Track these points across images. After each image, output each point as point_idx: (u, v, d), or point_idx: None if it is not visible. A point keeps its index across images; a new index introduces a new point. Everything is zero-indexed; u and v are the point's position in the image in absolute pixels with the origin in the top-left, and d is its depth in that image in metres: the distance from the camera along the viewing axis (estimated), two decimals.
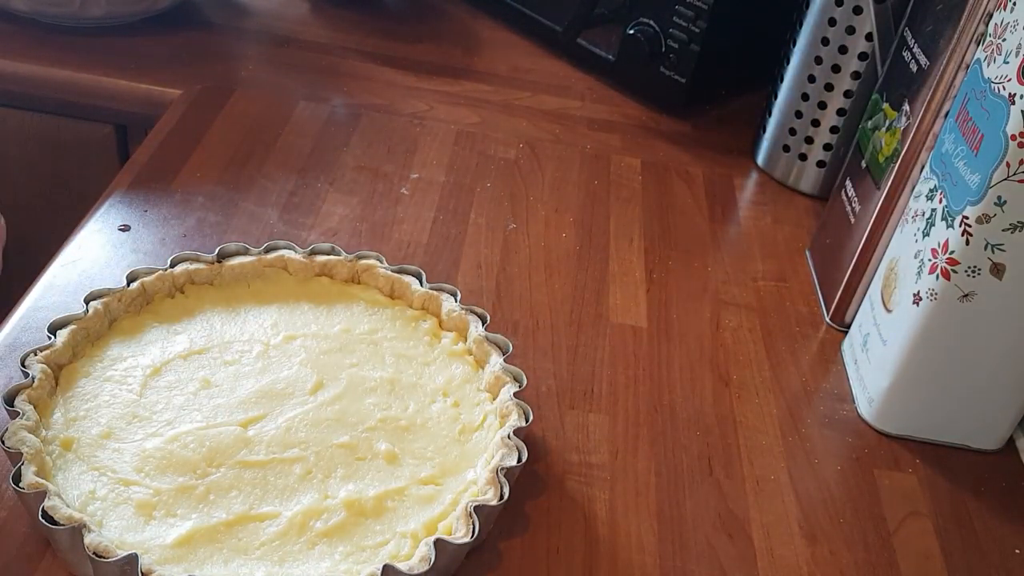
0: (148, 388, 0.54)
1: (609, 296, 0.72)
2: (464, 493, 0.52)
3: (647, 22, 0.92)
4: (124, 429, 0.52)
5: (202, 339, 0.58)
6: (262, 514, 0.49)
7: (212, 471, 0.50)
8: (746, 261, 0.79)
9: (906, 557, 0.56)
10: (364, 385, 0.57)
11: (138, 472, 0.50)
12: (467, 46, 1.04)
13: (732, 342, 0.70)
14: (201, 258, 0.62)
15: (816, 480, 0.60)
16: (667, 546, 0.54)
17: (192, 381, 0.55)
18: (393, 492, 0.51)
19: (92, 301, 0.57)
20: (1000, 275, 0.57)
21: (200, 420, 0.53)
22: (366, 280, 0.63)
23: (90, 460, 0.50)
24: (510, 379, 0.57)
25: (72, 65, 0.88)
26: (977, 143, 0.56)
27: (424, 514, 0.50)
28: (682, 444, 0.61)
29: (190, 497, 0.49)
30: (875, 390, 0.64)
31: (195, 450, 0.51)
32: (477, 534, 0.48)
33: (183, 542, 0.47)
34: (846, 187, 0.75)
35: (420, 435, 0.55)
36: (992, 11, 0.59)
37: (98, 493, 0.49)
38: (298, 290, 0.62)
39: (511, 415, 0.54)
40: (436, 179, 0.82)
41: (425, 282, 0.63)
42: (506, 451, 0.52)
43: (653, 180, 0.87)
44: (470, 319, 0.60)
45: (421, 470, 0.53)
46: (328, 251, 0.64)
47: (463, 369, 0.59)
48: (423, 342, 0.61)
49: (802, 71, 0.85)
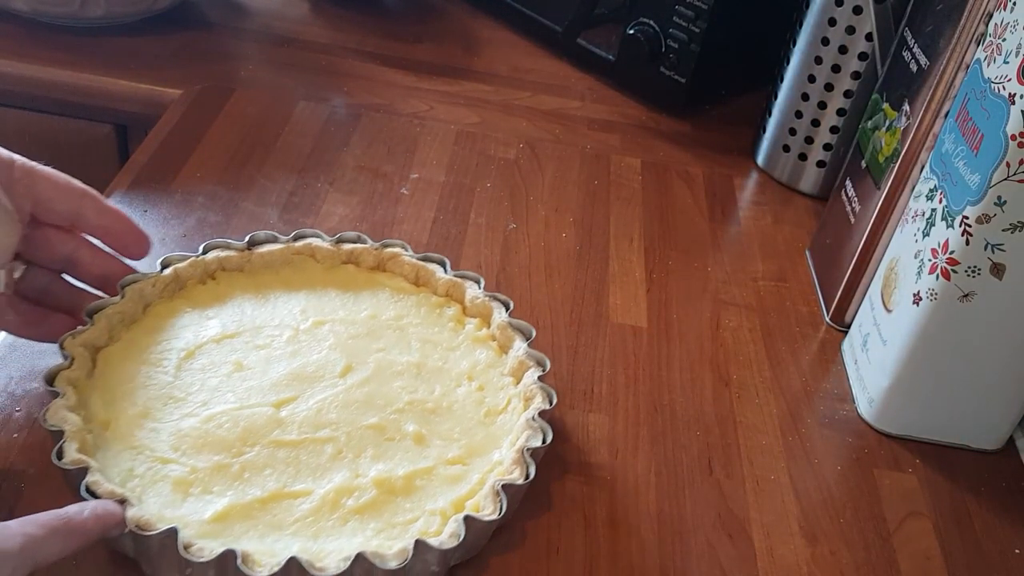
0: (182, 370, 0.56)
1: (609, 296, 0.72)
2: (491, 473, 0.53)
3: (647, 22, 0.92)
4: (160, 410, 0.53)
5: (234, 324, 0.59)
6: (295, 491, 0.50)
7: (246, 450, 0.52)
8: (746, 261, 0.79)
9: (906, 557, 0.56)
10: (391, 369, 0.58)
11: (175, 451, 0.51)
12: (467, 46, 1.04)
13: (732, 342, 0.70)
14: (232, 245, 0.63)
15: (816, 480, 0.60)
16: (667, 546, 0.54)
17: (225, 364, 0.56)
18: (422, 471, 0.52)
19: (127, 286, 0.58)
20: (1000, 275, 0.57)
21: (234, 401, 0.54)
22: (391, 268, 0.65)
23: (128, 439, 0.51)
24: (533, 363, 0.58)
25: (72, 65, 0.88)
26: (977, 143, 0.56)
27: (452, 493, 0.52)
28: (682, 444, 0.61)
29: (225, 475, 0.50)
30: (875, 390, 0.64)
31: (230, 430, 0.52)
32: (504, 511, 0.49)
33: (220, 518, 0.48)
34: (846, 187, 0.75)
35: (446, 417, 0.56)
36: (992, 11, 0.59)
37: (136, 471, 0.50)
38: (325, 277, 0.64)
39: (535, 398, 0.56)
40: (436, 179, 0.82)
41: (449, 269, 0.64)
42: (531, 432, 0.53)
43: (653, 180, 0.87)
44: (494, 306, 0.62)
45: (448, 451, 0.54)
46: (354, 239, 0.65)
47: (487, 354, 0.60)
48: (448, 328, 0.62)
49: (802, 71, 0.85)
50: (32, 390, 0.57)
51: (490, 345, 0.61)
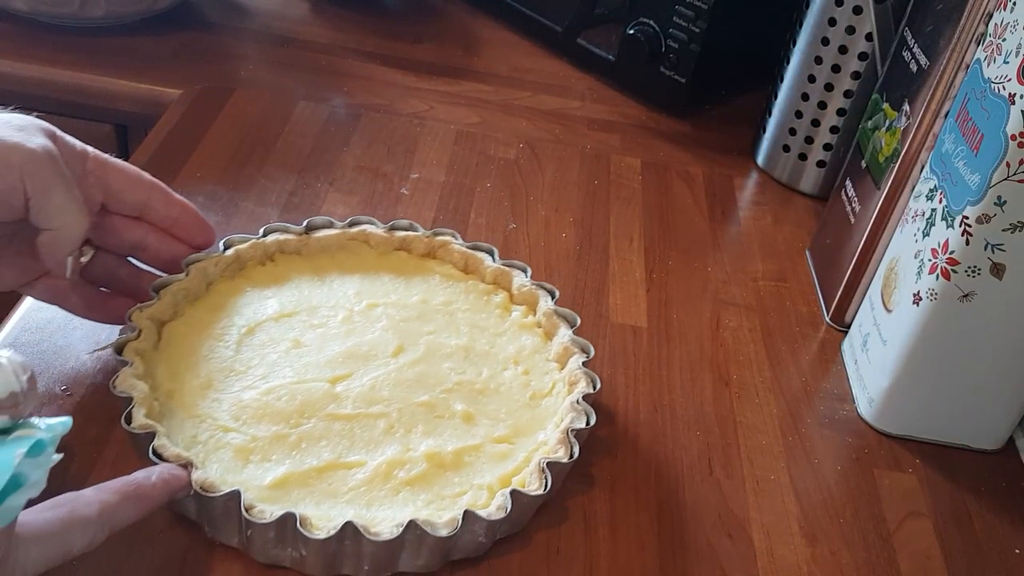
0: (243, 346, 0.58)
1: (609, 296, 0.72)
2: (536, 452, 0.55)
3: (647, 22, 0.92)
4: (222, 382, 0.56)
5: (291, 303, 0.62)
6: (349, 462, 0.52)
7: (303, 422, 0.54)
8: (746, 261, 0.79)
9: (906, 557, 0.56)
10: (441, 351, 0.60)
11: (235, 420, 0.54)
12: (467, 46, 1.04)
13: (732, 342, 0.70)
14: (290, 229, 0.66)
15: (816, 480, 0.60)
16: (667, 546, 0.54)
17: (283, 341, 0.59)
18: (470, 448, 0.55)
19: (191, 264, 0.60)
20: (1000, 275, 0.57)
21: (291, 376, 0.57)
22: (441, 255, 0.67)
23: (191, 408, 0.54)
24: (578, 350, 0.60)
25: (72, 65, 0.88)
26: (977, 143, 0.56)
27: (499, 469, 0.54)
28: (682, 444, 0.61)
29: (284, 444, 0.53)
30: (875, 390, 0.64)
31: (288, 402, 0.55)
32: (549, 488, 0.51)
33: (278, 484, 0.50)
34: (846, 187, 0.75)
35: (493, 398, 0.58)
36: (992, 11, 0.59)
37: (199, 438, 0.52)
38: (378, 262, 0.66)
39: (579, 383, 0.57)
40: (436, 179, 0.82)
41: (497, 258, 0.66)
42: (575, 415, 0.55)
43: (653, 180, 0.87)
44: (540, 294, 0.64)
45: (495, 430, 0.56)
46: (407, 227, 0.68)
47: (533, 340, 0.63)
48: (495, 314, 0.64)
49: (802, 71, 0.85)
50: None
51: (536, 331, 0.63)
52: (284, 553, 0.49)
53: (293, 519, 0.47)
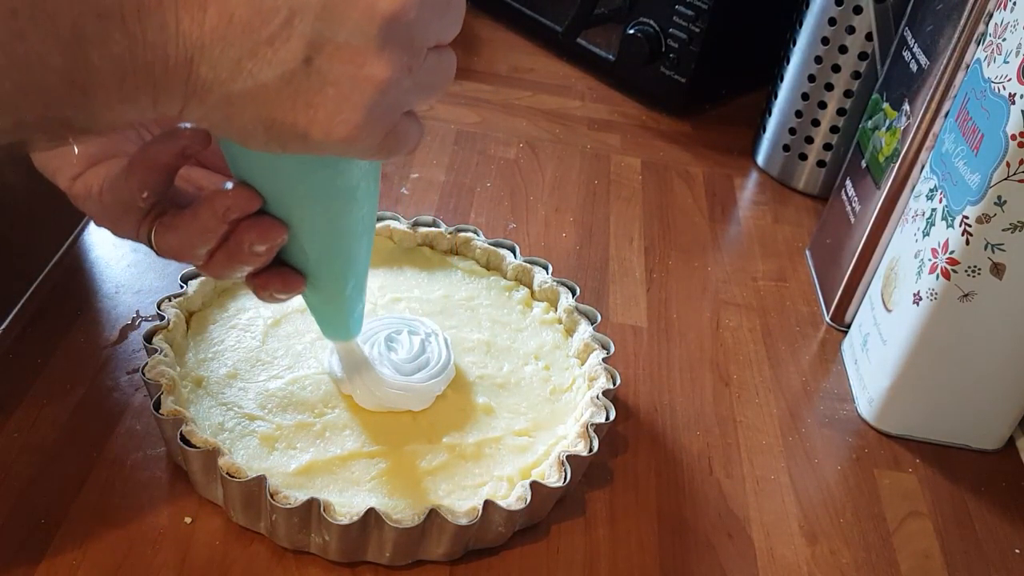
0: (269, 336, 0.59)
1: (609, 296, 0.72)
2: (555, 445, 0.55)
3: (647, 22, 0.92)
4: (248, 371, 0.57)
5: None
6: (372, 452, 0.53)
7: (328, 411, 0.55)
8: (746, 261, 0.79)
9: (906, 557, 0.56)
10: (463, 345, 0.61)
11: (261, 409, 0.55)
12: (467, 46, 1.04)
13: (732, 342, 0.70)
14: None
15: (816, 480, 0.60)
16: (667, 546, 0.54)
17: (308, 332, 0.60)
18: (491, 440, 0.55)
19: None
20: (1000, 275, 0.57)
21: (316, 366, 0.58)
22: (464, 252, 0.68)
23: (218, 396, 0.55)
24: (598, 346, 0.61)
25: None
26: (977, 143, 0.56)
27: (519, 461, 0.55)
28: (682, 444, 0.61)
29: (308, 433, 0.54)
30: (875, 390, 0.64)
31: (312, 392, 0.56)
32: (568, 480, 0.52)
33: (303, 471, 0.52)
34: (846, 187, 0.75)
35: (514, 392, 0.59)
36: (992, 11, 0.59)
37: (226, 425, 0.53)
38: (402, 257, 0.67)
39: (599, 378, 0.58)
40: (436, 179, 0.82)
41: (519, 255, 0.67)
42: (595, 410, 0.56)
43: (653, 180, 0.87)
44: (561, 291, 0.65)
45: (516, 423, 0.57)
46: (430, 223, 0.69)
47: (553, 336, 0.63)
48: (516, 310, 0.65)
49: (802, 71, 0.85)
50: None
51: (556, 328, 0.64)
52: (308, 539, 0.50)
53: (318, 504, 0.48)
